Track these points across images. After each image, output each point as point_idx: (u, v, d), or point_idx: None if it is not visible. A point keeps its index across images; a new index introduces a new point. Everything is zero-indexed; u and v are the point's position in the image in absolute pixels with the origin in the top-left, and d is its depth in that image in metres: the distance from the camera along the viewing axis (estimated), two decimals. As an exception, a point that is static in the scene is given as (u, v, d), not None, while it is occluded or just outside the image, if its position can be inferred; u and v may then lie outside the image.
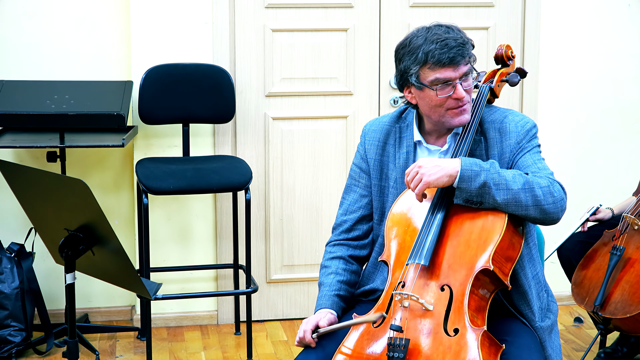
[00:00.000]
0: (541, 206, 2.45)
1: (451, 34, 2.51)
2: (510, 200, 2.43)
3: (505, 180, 2.43)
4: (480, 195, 2.42)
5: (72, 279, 2.54)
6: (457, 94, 2.53)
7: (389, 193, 2.67)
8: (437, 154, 2.64)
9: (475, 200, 2.44)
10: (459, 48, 2.50)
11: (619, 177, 4.59)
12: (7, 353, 3.92)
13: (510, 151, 2.57)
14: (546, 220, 2.48)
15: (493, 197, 2.42)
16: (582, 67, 4.55)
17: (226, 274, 4.43)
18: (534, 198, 2.44)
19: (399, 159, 2.66)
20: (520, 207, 2.44)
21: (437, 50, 2.49)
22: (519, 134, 2.58)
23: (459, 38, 2.51)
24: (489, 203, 2.43)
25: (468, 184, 2.42)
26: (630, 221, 3.67)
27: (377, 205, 2.70)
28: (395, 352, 2.33)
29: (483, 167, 2.43)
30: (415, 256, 2.44)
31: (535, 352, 2.47)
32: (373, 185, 2.70)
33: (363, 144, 2.74)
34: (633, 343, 3.89)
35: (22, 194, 2.63)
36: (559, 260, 3.90)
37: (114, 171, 4.36)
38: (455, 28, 2.56)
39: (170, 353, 4.12)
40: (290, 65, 4.34)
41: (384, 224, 2.65)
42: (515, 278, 2.56)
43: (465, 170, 2.42)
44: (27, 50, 4.22)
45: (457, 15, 4.40)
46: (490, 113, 2.63)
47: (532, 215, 2.46)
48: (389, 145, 2.69)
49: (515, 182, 2.44)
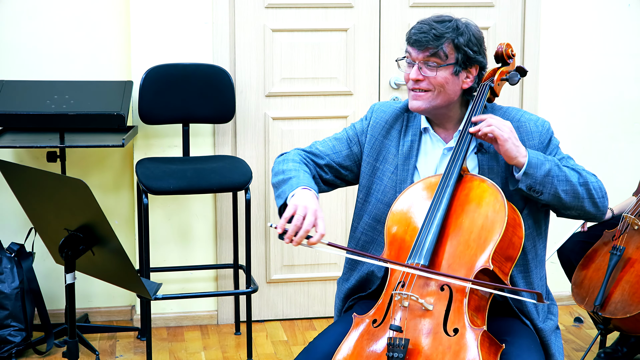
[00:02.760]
0: (594, 199, 2.53)
1: (433, 25, 2.58)
2: (570, 191, 2.50)
3: (564, 173, 2.51)
4: (543, 183, 2.48)
5: (72, 279, 2.54)
6: (408, 74, 2.59)
7: (384, 176, 2.67)
8: (441, 148, 2.64)
9: (538, 188, 2.48)
10: (426, 35, 2.56)
11: (619, 177, 4.59)
12: (7, 353, 3.92)
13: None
14: (597, 214, 2.57)
15: (555, 187, 2.49)
16: (582, 66, 4.55)
17: (226, 274, 4.43)
18: (588, 192, 2.53)
19: (402, 146, 2.67)
20: (577, 199, 2.51)
21: (413, 29, 2.61)
22: (542, 134, 2.62)
23: (436, 29, 2.57)
24: (550, 193, 2.49)
25: (535, 170, 2.47)
26: (630, 221, 3.67)
27: (364, 183, 2.71)
28: (394, 352, 2.33)
29: (547, 158, 2.50)
30: (415, 256, 2.44)
31: (535, 352, 2.47)
32: (366, 162, 2.70)
33: (368, 119, 2.75)
34: (633, 343, 3.89)
35: (22, 194, 2.63)
36: (559, 260, 3.90)
37: (114, 171, 4.36)
38: (445, 24, 2.60)
39: (170, 353, 4.12)
40: (290, 65, 4.34)
41: (369, 204, 2.67)
42: (528, 277, 2.57)
43: (532, 157, 2.48)
44: (27, 50, 4.22)
45: (457, 15, 4.33)
46: (503, 112, 2.66)
47: (587, 208, 2.54)
48: (395, 130, 2.70)
49: (573, 175, 2.52)
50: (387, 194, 2.66)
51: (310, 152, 2.72)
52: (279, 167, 2.65)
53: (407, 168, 2.65)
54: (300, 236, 2.42)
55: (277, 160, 2.71)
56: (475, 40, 2.61)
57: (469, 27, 2.62)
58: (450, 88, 2.58)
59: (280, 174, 2.62)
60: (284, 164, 2.66)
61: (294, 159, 2.67)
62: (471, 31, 2.61)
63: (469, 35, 2.59)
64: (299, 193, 2.50)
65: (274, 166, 2.69)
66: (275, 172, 2.65)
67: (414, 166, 2.65)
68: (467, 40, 2.58)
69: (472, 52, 2.59)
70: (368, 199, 2.69)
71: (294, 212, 2.44)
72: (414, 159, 2.65)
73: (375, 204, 2.67)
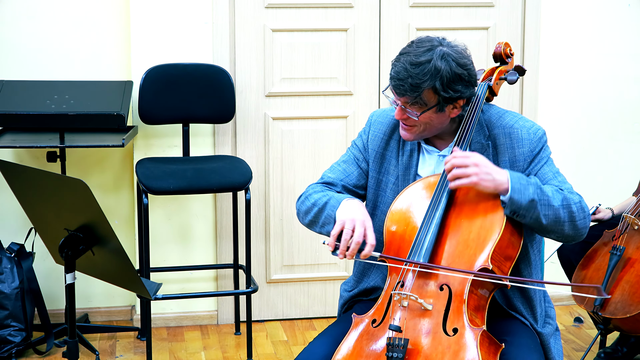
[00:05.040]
0: (575, 222, 2.46)
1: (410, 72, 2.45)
2: (552, 217, 2.43)
3: (547, 196, 2.43)
4: (527, 209, 2.41)
5: (72, 279, 2.54)
6: (395, 113, 2.55)
7: (387, 188, 2.66)
8: (435, 156, 2.63)
9: (522, 213, 2.41)
10: (402, 84, 2.47)
11: (619, 177, 4.59)
12: (7, 353, 3.92)
13: (524, 159, 2.55)
14: (575, 236, 2.49)
15: (538, 214, 2.41)
16: (582, 67, 4.55)
17: (226, 274, 4.43)
18: (570, 215, 2.45)
19: (402, 156, 2.65)
20: (558, 224, 2.44)
21: (392, 69, 2.52)
22: (532, 142, 2.55)
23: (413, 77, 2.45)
24: (532, 218, 2.42)
25: (519, 196, 2.39)
26: (630, 221, 3.67)
27: (370, 197, 2.69)
28: (394, 352, 2.33)
29: (530, 182, 2.42)
30: (414, 255, 2.44)
31: (535, 352, 2.47)
32: (371, 176, 2.69)
33: (367, 132, 2.71)
34: (633, 343, 3.89)
35: (22, 194, 2.63)
36: (559, 260, 3.90)
37: (114, 171, 4.36)
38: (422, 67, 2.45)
39: (170, 353, 4.12)
40: (290, 65, 4.34)
41: (377, 217, 2.65)
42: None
43: (514, 183, 2.39)
44: (27, 50, 4.22)
45: (457, 15, 4.41)
46: (499, 116, 2.60)
47: (566, 232, 2.46)
48: (393, 140, 2.68)
49: (555, 198, 2.43)
50: (389, 206, 2.62)
51: (324, 183, 2.66)
52: (307, 204, 2.59)
53: (408, 178, 2.63)
54: (353, 249, 2.41)
55: (299, 202, 2.65)
56: (457, 76, 2.46)
57: (450, 63, 2.46)
58: (437, 122, 2.53)
59: (313, 207, 2.57)
60: (309, 199, 2.60)
61: (315, 191, 2.62)
62: (451, 67, 2.45)
63: (449, 74, 2.45)
64: (344, 205, 2.49)
65: (300, 207, 2.63)
66: (305, 210, 2.59)
67: (414, 175, 2.63)
68: (447, 81, 2.46)
69: (454, 92, 2.48)
70: (375, 213, 2.67)
71: (342, 226, 2.43)
72: (414, 169, 2.63)
73: (381, 217, 2.64)
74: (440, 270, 2.40)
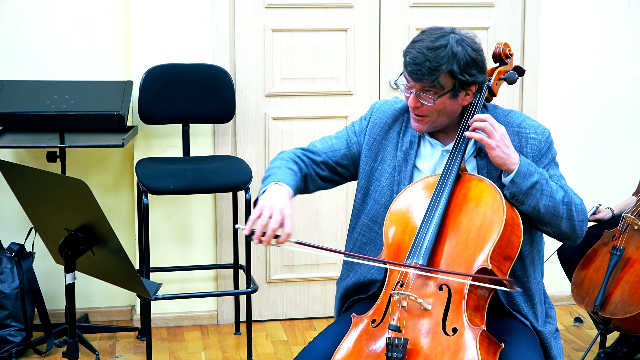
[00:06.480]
0: (573, 221, 2.51)
1: (427, 56, 2.47)
2: (550, 208, 2.48)
3: (551, 188, 2.49)
4: (527, 194, 2.46)
5: (72, 279, 2.54)
6: (408, 101, 2.55)
7: (382, 177, 2.67)
8: (440, 150, 2.64)
9: (520, 198, 2.47)
10: (420, 68, 2.48)
11: (619, 177, 4.60)
12: (7, 353, 3.92)
13: (532, 158, 2.58)
14: (571, 236, 2.55)
15: (537, 201, 2.47)
16: (582, 67, 4.55)
17: (226, 274, 4.43)
18: (569, 212, 2.50)
19: (401, 147, 2.66)
20: (556, 218, 2.50)
21: (408, 56, 2.52)
22: (540, 141, 2.60)
23: (431, 61, 2.47)
24: (530, 205, 2.48)
25: (522, 180, 2.46)
26: (630, 221, 3.67)
27: (362, 184, 2.70)
28: (393, 352, 2.33)
29: (537, 170, 2.48)
30: (414, 256, 2.44)
31: (534, 352, 2.47)
32: (364, 163, 2.70)
33: (368, 119, 2.73)
34: (633, 343, 3.89)
35: (22, 194, 2.63)
36: (559, 260, 3.90)
37: (114, 171, 4.36)
38: (440, 51, 2.48)
39: (170, 353, 4.12)
40: (291, 65, 4.34)
41: (368, 205, 2.67)
42: (525, 282, 2.57)
43: (523, 166, 2.46)
44: (27, 50, 4.22)
45: (457, 15, 4.41)
46: (504, 115, 2.63)
47: (562, 228, 2.52)
48: (394, 131, 2.69)
49: (558, 193, 2.50)
50: (384, 195, 2.65)
51: (307, 150, 2.71)
52: (269, 166, 2.65)
53: (405, 169, 2.64)
54: (269, 236, 2.41)
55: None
56: (472, 61, 2.51)
57: (465, 47, 2.50)
58: (450, 109, 2.56)
59: (267, 171, 2.63)
60: (272, 162, 2.66)
61: (282, 157, 2.66)
62: (467, 52, 2.50)
63: (465, 58, 2.49)
64: (270, 190, 2.49)
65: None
66: (266, 170, 2.67)
67: (412, 168, 2.64)
68: (463, 65, 2.49)
69: (469, 77, 2.51)
70: (366, 200, 2.69)
71: (260, 212, 2.43)
72: (412, 161, 2.64)
73: (373, 205, 2.67)
74: (439, 274, 2.40)
